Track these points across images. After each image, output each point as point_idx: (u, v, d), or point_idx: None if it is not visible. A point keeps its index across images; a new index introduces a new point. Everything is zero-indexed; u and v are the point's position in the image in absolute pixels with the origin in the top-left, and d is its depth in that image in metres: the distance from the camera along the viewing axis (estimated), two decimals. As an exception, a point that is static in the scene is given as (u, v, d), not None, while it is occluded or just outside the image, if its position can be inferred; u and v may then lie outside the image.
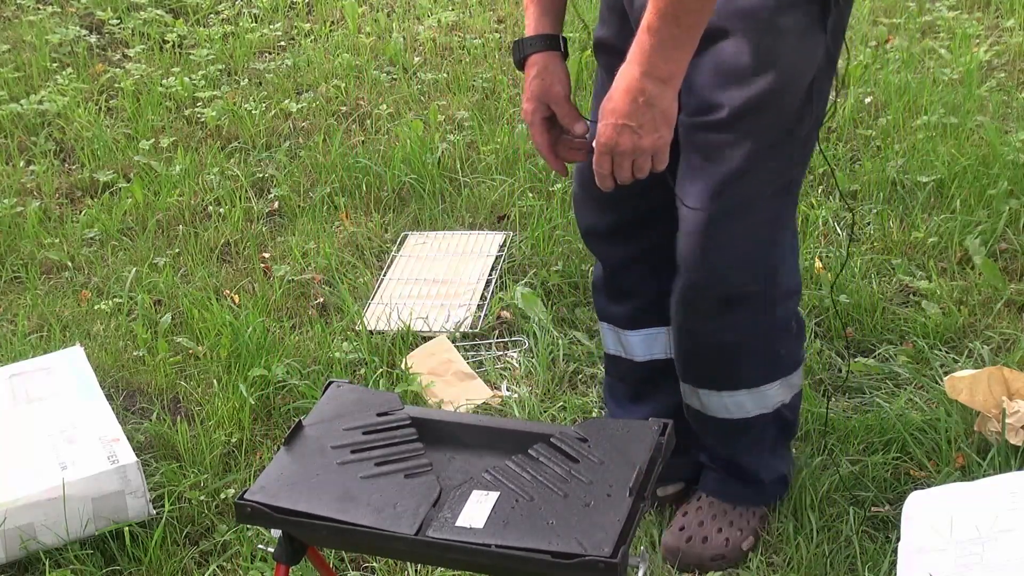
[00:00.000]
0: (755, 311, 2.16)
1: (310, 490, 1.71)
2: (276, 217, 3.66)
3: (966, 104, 3.84)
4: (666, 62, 1.84)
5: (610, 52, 2.10)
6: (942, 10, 4.60)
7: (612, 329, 2.41)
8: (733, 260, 2.10)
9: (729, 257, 2.09)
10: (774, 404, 2.27)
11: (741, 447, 2.31)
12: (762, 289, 2.15)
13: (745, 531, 2.32)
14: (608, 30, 2.14)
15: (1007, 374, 2.50)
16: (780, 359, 2.25)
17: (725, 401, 2.24)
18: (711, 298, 2.14)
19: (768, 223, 2.11)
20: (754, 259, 2.12)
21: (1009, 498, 2.07)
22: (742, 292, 2.13)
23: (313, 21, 5.01)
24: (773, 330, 2.21)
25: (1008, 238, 3.21)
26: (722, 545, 2.30)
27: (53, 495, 2.34)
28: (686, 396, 2.30)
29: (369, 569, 2.35)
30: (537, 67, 2.06)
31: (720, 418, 2.27)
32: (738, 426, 2.27)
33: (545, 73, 2.06)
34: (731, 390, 2.23)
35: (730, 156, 2.02)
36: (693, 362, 2.25)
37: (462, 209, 3.60)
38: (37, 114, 4.25)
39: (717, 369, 2.24)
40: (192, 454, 2.64)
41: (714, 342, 2.19)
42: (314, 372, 2.88)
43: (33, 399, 2.64)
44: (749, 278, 2.13)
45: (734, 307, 2.14)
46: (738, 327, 2.16)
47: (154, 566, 2.36)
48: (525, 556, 1.57)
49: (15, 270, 3.42)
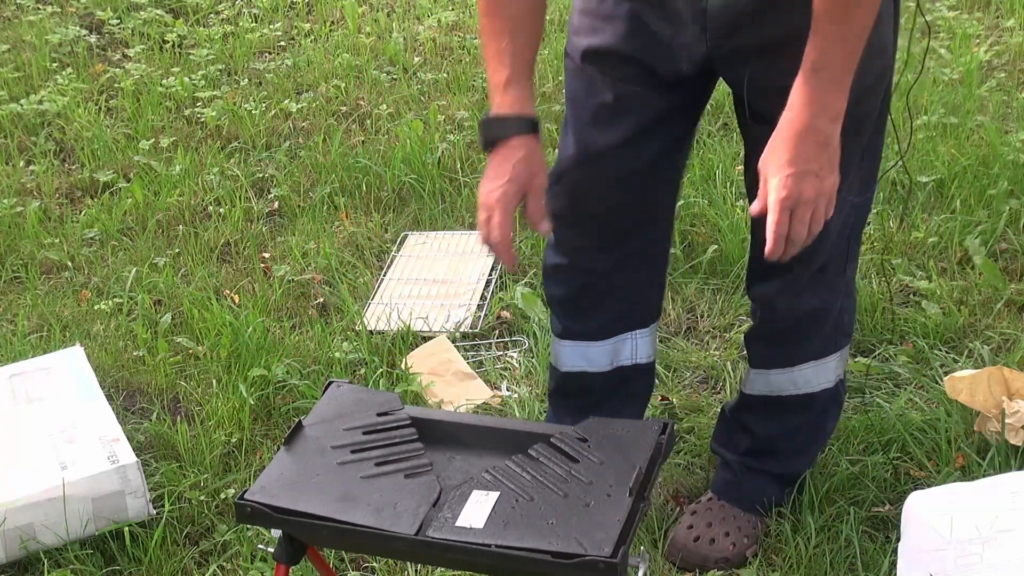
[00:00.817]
0: (833, 274, 2.18)
1: (310, 490, 1.71)
2: (276, 217, 3.66)
3: (966, 104, 3.84)
4: (836, 98, 1.79)
5: (612, 59, 2.06)
6: (942, 10, 4.60)
7: (575, 346, 2.32)
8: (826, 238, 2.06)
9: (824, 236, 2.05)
10: (836, 377, 2.31)
11: (800, 424, 2.33)
12: (838, 253, 2.16)
13: (751, 538, 2.33)
14: (607, 38, 2.06)
15: (1007, 374, 2.50)
16: (843, 326, 2.28)
17: (794, 376, 2.27)
18: (806, 271, 2.14)
19: (857, 188, 2.11)
20: (838, 227, 2.11)
21: (1009, 498, 2.07)
22: (827, 258, 2.14)
23: (313, 21, 5.01)
24: (842, 292, 2.23)
25: (1008, 238, 3.21)
26: (728, 549, 2.31)
27: (53, 495, 2.34)
28: (752, 386, 2.32)
29: (369, 569, 2.35)
30: (525, 151, 1.96)
31: (785, 395, 2.29)
32: (804, 401, 2.30)
33: (531, 159, 1.96)
34: (800, 363, 2.26)
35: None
36: (775, 340, 2.26)
37: (462, 209, 3.60)
38: (37, 114, 4.26)
39: (797, 340, 2.25)
40: (192, 454, 2.64)
41: (803, 311, 2.20)
42: (314, 372, 2.88)
43: (33, 399, 2.64)
44: (834, 245, 2.13)
45: (820, 274, 2.15)
46: (821, 291, 2.19)
47: (154, 566, 2.36)
48: (525, 556, 1.58)
49: (15, 270, 3.42)
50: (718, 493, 2.39)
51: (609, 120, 2.08)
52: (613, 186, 2.14)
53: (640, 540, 2.35)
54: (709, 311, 3.06)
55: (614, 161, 2.11)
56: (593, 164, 2.12)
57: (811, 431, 2.38)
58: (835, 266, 2.18)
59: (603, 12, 2.06)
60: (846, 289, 2.26)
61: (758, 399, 2.34)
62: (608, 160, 2.11)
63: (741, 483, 2.38)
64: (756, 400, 2.34)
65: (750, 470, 2.38)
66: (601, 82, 2.08)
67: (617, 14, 2.04)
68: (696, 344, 2.95)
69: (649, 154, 2.11)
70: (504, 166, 1.95)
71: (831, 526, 2.35)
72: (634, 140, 2.09)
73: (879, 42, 1.93)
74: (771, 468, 2.37)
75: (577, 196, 2.16)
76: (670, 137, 2.13)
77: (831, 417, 2.40)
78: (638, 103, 2.07)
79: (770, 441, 2.36)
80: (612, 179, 2.13)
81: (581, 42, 2.09)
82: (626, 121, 2.08)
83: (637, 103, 2.07)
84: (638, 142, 2.09)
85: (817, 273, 2.16)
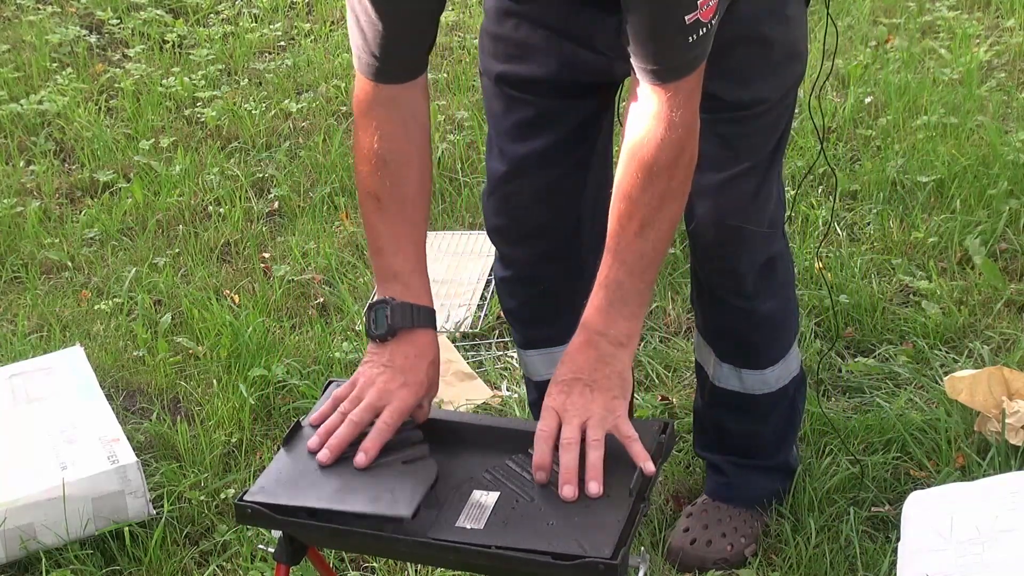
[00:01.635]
0: (782, 269, 2.20)
1: (309, 488, 1.70)
2: (276, 217, 3.66)
3: (966, 104, 3.84)
4: (621, 324, 1.70)
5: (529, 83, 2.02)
6: (942, 10, 4.60)
7: (544, 353, 2.29)
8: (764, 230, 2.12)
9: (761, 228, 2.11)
10: (798, 363, 2.33)
11: (777, 418, 2.34)
12: (781, 247, 2.19)
13: (748, 538, 2.33)
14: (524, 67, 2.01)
15: (1007, 374, 2.51)
16: (794, 315, 2.30)
17: (766, 376, 2.27)
18: (751, 271, 2.14)
19: (778, 185, 2.15)
20: (774, 222, 2.15)
21: (1009, 498, 2.07)
22: (771, 255, 2.16)
23: (313, 21, 5.01)
24: (792, 286, 2.26)
25: (1008, 238, 3.21)
26: (725, 550, 2.31)
27: (53, 495, 2.34)
28: (724, 379, 2.29)
29: (369, 569, 2.35)
30: (435, 348, 1.79)
31: (759, 394, 2.29)
32: (777, 396, 2.30)
33: (438, 361, 1.80)
34: (773, 364, 2.26)
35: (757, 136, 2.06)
36: (742, 343, 2.26)
37: (462, 209, 3.60)
38: (37, 114, 4.25)
39: (765, 342, 2.25)
40: (192, 454, 2.64)
41: (762, 314, 2.20)
42: (314, 372, 2.88)
43: (33, 399, 2.64)
44: (773, 240, 2.15)
45: (769, 272, 2.16)
46: (775, 291, 2.20)
47: (154, 566, 2.36)
48: (525, 557, 1.57)
49: (15, 270, 3.42)
50: (711, 495, 2.39)
51: (531, 133, 2.05)
52: (545, 196, 2.11)
53: (640, 541, 2.35)
54: (709, 311, 3.05)
55: (542, 171, 2.08)
56: (522, 176, 2.09)
57: (787, 420, 2.38)
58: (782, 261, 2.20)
59: (517, 39, 2.00)
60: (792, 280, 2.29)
61: (731, 395, 2.30)
62: (536, 170, 2.08)
63: (732, 482, 2.37)
64: (729, 395, 2.30)
65: (738, 467, 2.37)
66: (519, 100, 2.04)
67: (533, 42, 1.99)
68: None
69: (576, 159, 2.08)
70: (415, 363, 1.76)
71: (831, 526, 2.35)
72: (560, 146, 2.06)
73: (796, 48, 2.03)
74: (757, 463, 2.37)
75: (510, 209, 2.14)
76: (594, 136, 2.11)
77: (800, 398, 2.40)
78: (559, 114, 2.05)
79: (750, 437, 2.36)
80: (543, 188, 2.10)
81: (495, 67, 2.04)
82: (548, 132, 2.06)
83: (558, 114, 2.05)
84: (564, 149, 2.07)
85: (766, 274, 2.17)
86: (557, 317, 2.18)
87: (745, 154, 2.05)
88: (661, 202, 1.71)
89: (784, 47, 2.02)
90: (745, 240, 2.11)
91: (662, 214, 1.72)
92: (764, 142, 2.08)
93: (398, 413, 1.73)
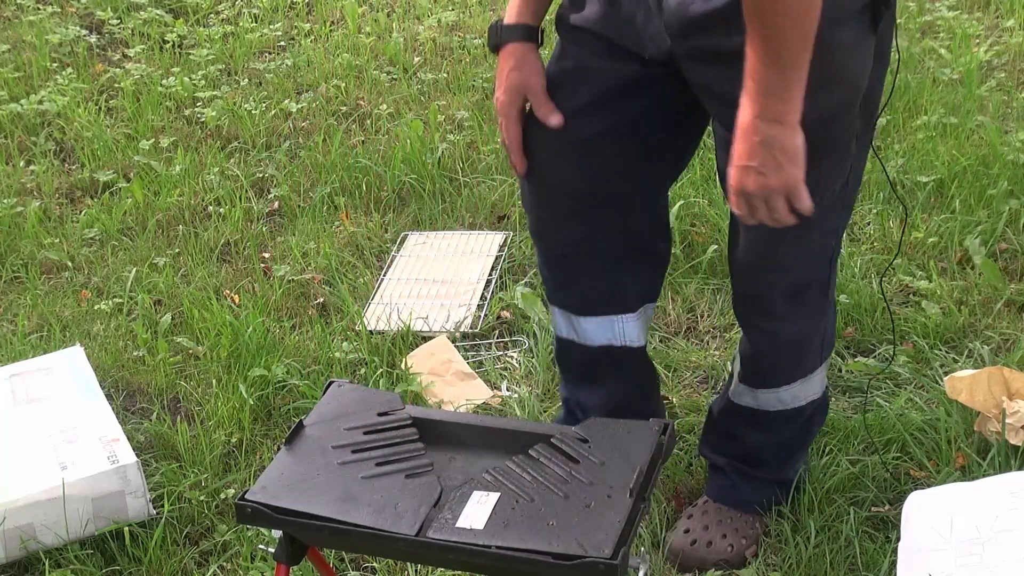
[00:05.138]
0: (816, 297, 2.19)
1: (311, 490, 1.71)
2: (276, 217, 3.66)
3: (966, 104, 3.84)
4: (779, 102, 1.78)
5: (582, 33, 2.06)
6: (942, 10, 4.60)
7: (564, 314, 2.34)
8: (801, 260, 2.12)
9: (797, 259, 2.11)
10: (822, 387, 2.32)
11: (787, 435, 2.34)
12: (820, 276, 2.18)
13: (749, 539, 2.33)
14: (582, 14, 2.07)
15: (1007, 374, 2.51)
16: (827, 339, 2.28)
17: (781, 395, 2.27)
18: (780, 296, 2.16)
19: (830, 218, 2.10)
20: (818, 253, 2.14)
21: (1009, 498, 2.07)
22: (805, 283, 2.16)
23: (313, 21, 5.01)
24: (826, 312, 2.24)
25: (1008, 238, 3.21)
26: (725, 551, 2.31)
27: (53, 495, 2.34)
28: (738, 395, 2.32)
29: (369, 569, 2.35)
30: (515, 58, 2.07)
31: (773, 411, 2.29)
32: (791, 415, 2.30)
33: (523, 64, 2.07)
34: (788, 384, 2.26)
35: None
36: (760, 363, 2.26)
37: (462, 209, 3.60)
38: (37, 114, 4.26)
39: (783, 364, 2.26)
40: (192, 454, 2.64)
41: (784, 337, 2.21)
42: (314, 372, 2.88)
43: (33, 399, 2.64)
44: (812, 270, 2.15)
45: (799, 298, 2.16)
46: (803, 316, 2.20)
47: (154, 566, 2.36)
48: (525, 557, 1.58)
49: (15, 270, 3.42)
50: (713, 497, 2.39)
51: (565, 87, 2.08)
52: (564, 155, 2.12)
53: (641, 541, 2.35)
54: (709, 311, 3.06)
55: (566, 128, 2.09)
56: (547, 129, 2.11)
57: (798, 439, 2.37)
58: (818, 290, 2.18)
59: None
60: (832, 307, 2.26)
61: (745, 410, 2.32)
62: (561, 127, 2.10)
63: (734, 485, 2.37)
64: (743, 410, 2.33)
65: (741, 474, 2.37)
66: (566, 50, 2.10)
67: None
68: (696, 344, 2.95)
69: (601, 126, 2.08)
70: (501, 74, 2.08)
71: (831, 526, 2.35)
72: (587, 110, 2.08)
73: (837, 74, 1.92)
74: (760, 475, 2.37)
75: (534, 162, 2.16)
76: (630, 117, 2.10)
77: (817, 422, 2.40)
78: (597, 75, 2.07)
79: (758, 449, 2.35)
80: (563, 146, 2.11)
81: (570, 14, 2.10)
82: (582, 90, 2.08)
83: (596, 74, 2.07)
84: (592, 112, 2.08)
85: (797, 298, 2.16)
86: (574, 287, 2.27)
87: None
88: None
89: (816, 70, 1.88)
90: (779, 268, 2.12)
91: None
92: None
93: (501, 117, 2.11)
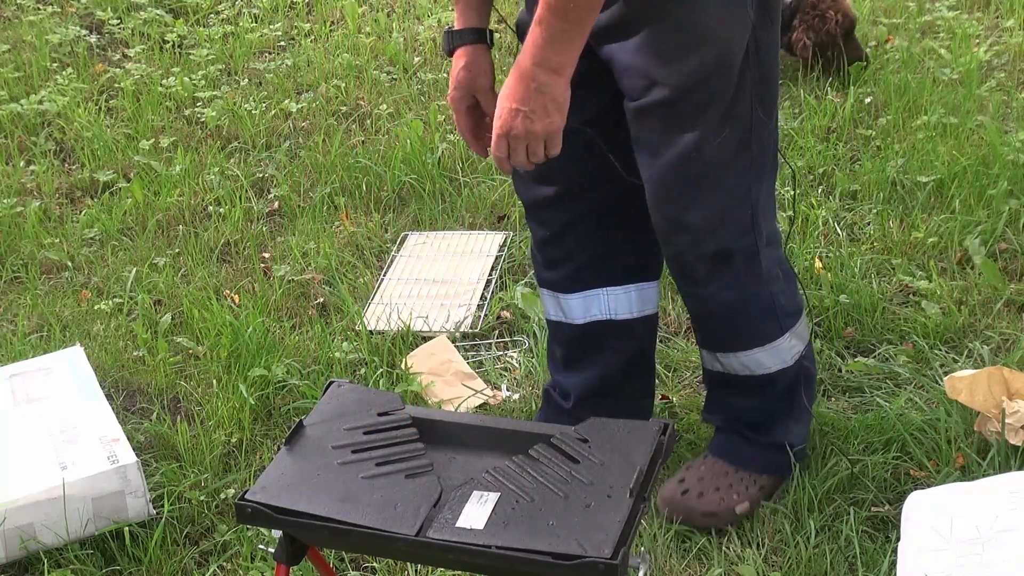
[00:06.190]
0: (743, 264, 2.23)
1: (311, 490, 1.71)
2: (276, 217, 3.66)
3: (966, 104, 3.84)
4: (556, 54, 1.93)
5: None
6: (942, 10, 4.60)
7: (552, 295, 2.45)
8: (707, 223, 2.17)
9: (702, 221, 2.17)
10: (792, 356, 2.35)
11: (767, 401, 2.38)
12: (745, 243, 2.21)
13: (742, 495, 2.36)
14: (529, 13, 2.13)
15: (1007, 374, 2.50)
16: (780, 308, 2.31)
17: (743, 360, 2.33)
18: (698, 261, 2.22)
19: (735, 182, 2.16)
20: (729, 217, 2.18)
21: (1009, 498, 2.07)
22: (725, 249, 2.20)
23: (313, 21, 5.01)
24: (764, 279, 2.27)
25: (1008, 238, 3.21)
26: (716, 503, 2.34)
27: (53, 495, 2.34)
28: (706, 362, 2.41)
29: (369, 569, 2.35)
30: (465, 59, 2.17)
31: (743, 375, 2.35)
32: (762, 381, 2.35)
33: (472, 65, 2.17)
34: (745, 350, 2.32)
35: (681, 131, 2.09)
36: (704, 327, 2.36)
37: (462, 209, 3.60)
38: (37, 114, 4.26)
39: (726, 330, 2.32)
40: (192, 454, 2.64)
41: (717, 302, 2.27)
42: (314, 372, 2.88)
43: (33, 399, 2.64)
44: (730, 235, 2.20)
45: (722, 265, 2.22)
46: (732, 283, 2.24)
47: (154, 566, 2.36)
48: (525, 557, 1.58)
49: (15, 270, 3.42)
50: (712, 452, 2.44)
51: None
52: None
53: (640, 540, 2.35)
54: (709, 311, 3.05)
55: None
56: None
57: (781, 406, 2.41)
58: (744, 258, 2.23)
59: None
60: (770, 275, 2.29)
61: (717, 375, 2.40)
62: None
63: (732, 442, 2.43)
64: (716, 375, 2.40)
65: (738, 434, 2.43)
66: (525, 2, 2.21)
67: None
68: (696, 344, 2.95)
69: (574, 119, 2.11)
70: (453, 73, 2.19)
71: (831, 526, 2.35)
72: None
73: (705, 32, 2.03)
74: (753, 437, 2.41)
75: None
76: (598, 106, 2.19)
77: (801, 392, 2.42)
78: None
79: (746, 412, 2.41)
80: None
81: (520, 16, 2.26)
82: None
83: None
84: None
85: (719, 265, 2.22)
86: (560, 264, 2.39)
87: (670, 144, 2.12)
88: None
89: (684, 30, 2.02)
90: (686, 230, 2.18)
91: None
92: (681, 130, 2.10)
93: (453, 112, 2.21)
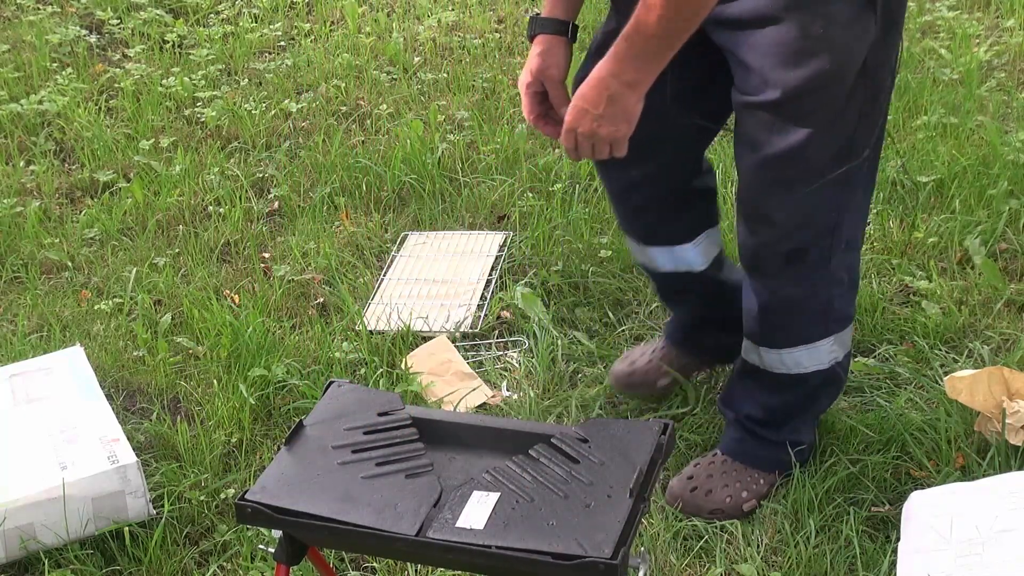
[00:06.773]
0: (815, 264, 2.25)
1: (311, 490, 1.71)
2: (276, 217, 3.66)
3: (966, 104, 3.84)
4: (635, 71, 2.00)
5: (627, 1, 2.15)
6: (942, 10, 4.60)
7: (633, 242, 2.56)
8: (792, 221, 2.20)
9: (787, 219, 2.19)
10: (829, 360, 2.36)
11: (791, 399, 2.40)
12: (822, 245, 2.24)
13: (750, 493, 2.39)
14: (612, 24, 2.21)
15: (1007, 374, 2.50)
16: (833, 312, 2.33)
17: (783, 357, 2.34)
18: (774, 255, 2.24)
19: (830, 189, 2.17)
20: (814, 220, 2.20)
21: (1009, 498, 2.07)
22: (802, 248, 2.23)
23: (313, 21, 5.01)
24: (828, 280, 2.29)
25: (1008, 238, 3.21)
26: (723, 500, 2.37)
27: (53, 495, 2.34)
28: (746, 352, 2.41)
29: (369, 569, 2.35)
30: (542, 47, 2.21)
31: (776, 372, 2.37)
32: (794, 380, 2.37)
33: (548, 54, 2.21)
34: (790, 347, 2.33)
35: (784, 134, 2.10)
36: (758, 318, 2.35)
37: (462, 209, 3.60)
38: (37, 114, 4.26)
39: (779, 324, 2.33)
40: (192, 454, 2.64)
41: (780, 296, 2.29)
42: (314, 372, 2.88)
43: (33, 399, 2.64)
44: (810, 236, 2.22)
45: (795, 262, 2.24)
46: (800, 280, 2.27)
47: (154, 566, 2.36)
48: (525, 557, 1.58)
49: (15, 270, 3.42)
50: (722, 449, 2.46)
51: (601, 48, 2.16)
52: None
53: (640, 540, 2.35)
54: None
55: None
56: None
57: (802, 406, 2.43)
58: (818, 257, 2.24)
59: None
60: (835, 278, 2.29)
61: (752, 367, 2.41)
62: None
63: (743, 440, 2.44)
64: (750, 368, 2.41)
65: (749, 432, 2.44)
66: (611, 14, 2.26)
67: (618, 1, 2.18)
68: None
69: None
70: (530, 58, 2.23)
71: (831, 526, 2.35)
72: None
73: (822, 45, 2.03)
74: (764, 434, 2.43)
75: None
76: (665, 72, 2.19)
77: (825, 395, 2.45)
78: None
79: (765, 410, 2.42)
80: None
81: (603, 28, 2.28)
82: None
83: None
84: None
85: (793, 261, 2.23)
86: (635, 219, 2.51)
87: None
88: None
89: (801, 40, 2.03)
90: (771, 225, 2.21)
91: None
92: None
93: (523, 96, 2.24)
